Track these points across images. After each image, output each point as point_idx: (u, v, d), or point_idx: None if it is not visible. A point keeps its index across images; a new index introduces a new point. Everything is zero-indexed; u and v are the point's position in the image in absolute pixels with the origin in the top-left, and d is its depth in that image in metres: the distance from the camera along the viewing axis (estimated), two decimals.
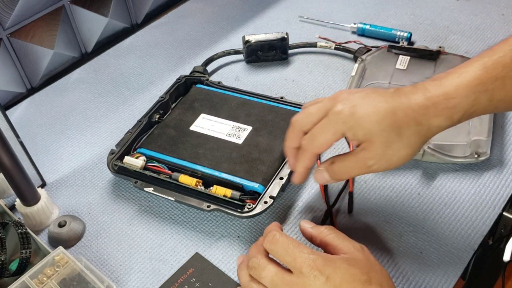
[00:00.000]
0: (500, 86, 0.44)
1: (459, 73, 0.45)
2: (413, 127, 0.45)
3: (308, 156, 0.50)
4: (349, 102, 0.47)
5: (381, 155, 0.46)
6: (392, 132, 0.45)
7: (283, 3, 0.97)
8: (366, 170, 0.48)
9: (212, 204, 0.58)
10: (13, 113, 0.80)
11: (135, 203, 0.64)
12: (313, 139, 0.49)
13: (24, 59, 0.81)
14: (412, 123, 0.45)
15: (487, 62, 0.45)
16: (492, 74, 0.44)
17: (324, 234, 0.49)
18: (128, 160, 0.63)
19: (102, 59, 0.89)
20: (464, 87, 0.45)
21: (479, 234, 0.57)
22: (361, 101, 0.46)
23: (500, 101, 0.45)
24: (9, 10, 0.76)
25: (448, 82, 0.45)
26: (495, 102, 0.45)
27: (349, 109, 0.46)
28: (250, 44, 0.81)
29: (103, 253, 0.59)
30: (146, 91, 0.81)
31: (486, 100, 0.45)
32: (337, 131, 0.47)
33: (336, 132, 0.47)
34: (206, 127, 0.67)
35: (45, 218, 0.61)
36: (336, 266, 0.44)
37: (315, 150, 0.49)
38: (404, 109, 0.45)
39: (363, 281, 0.44)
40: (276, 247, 0.46)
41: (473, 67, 0.45)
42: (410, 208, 0.60)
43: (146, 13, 0.97)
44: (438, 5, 0.92)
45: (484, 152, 0.61)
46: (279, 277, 0.45)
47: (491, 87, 0.44)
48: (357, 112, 0.46)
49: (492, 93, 0.44)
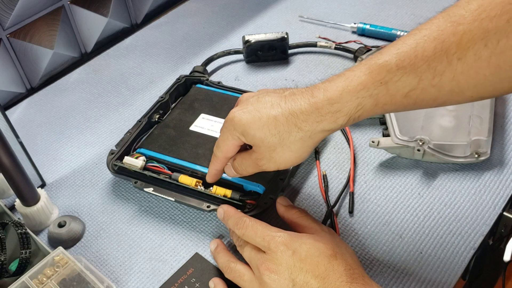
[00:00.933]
0: (384, 91, 0.44)
1: (346, 77, 0.45)
2: (294, 133, 0.47)
3: (217, 160, 0.54)
4: (242, 107, 0.50)
5: (268, 157, 0.50)
6: (273, 137, 0.48)
7: (283, 3, 0.97)
8: (260, 169, 0.52)
9: (212, 204, 0.58)
10: (13, 113, 0.80)
11: (135, 203, 0.64)
12: (218, 145, 0.53)
13: (23, 59, 0.81)
14: (294, 129, 0.47)
15: (372, 66, 0.44)
16: (376, 78, 0.44)
17: (295, 216, 0.54)
18: (128, 160, 0.63)
19: (101, 59, 0.89)
20: (348, 92, 0.45)
21: (479, 234, 0.57)
22: (251, 107, 0.49)
23: (386, 105, 0.45)
24: (9, 10, 0.76)
25: (334, 86, 0.46)
26: (381, 106, 0.45)
27: (238, 116, 0.49)
28: (250, 44, 0.81)
29: (103, 253, 0.59)
30: (146, 91, 0.81)
31: (371, 104, 0.45)
32: (233, 136, 0.50)
33: (233, 137, 0.51)
34: (206, 127, 0.67)
35: (45, 219, 0.61)
36: (302, 241, 0.48)
37: (221, 155, 0.53)
38: (286, 115, 0.47)
39: (328, 255, 0.47)
40: (246, 231, 0.50)
41: (359, 71, 0.45)
42: (410, 208, 0.60)
43: (146, 13, 0.97)
44: (438, 5, 0.92)
45: (485, 152, 0.61)
46: (253, 255, 0.49)
47: (375, 92, 0.44)
48: (243, 119, 0.49)
49: (377, 97, 0.44)
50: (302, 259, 0.46)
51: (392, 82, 0.43)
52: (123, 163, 0.63)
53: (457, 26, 0.41)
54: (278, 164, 0.50)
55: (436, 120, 0.65)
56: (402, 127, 0.64)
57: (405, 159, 0.65)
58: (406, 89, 0.43)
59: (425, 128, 0.64)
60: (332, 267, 0.46)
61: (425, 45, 0.42)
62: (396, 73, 0.43)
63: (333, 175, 0.64)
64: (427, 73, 0.42)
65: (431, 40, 0.42)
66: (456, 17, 0.42)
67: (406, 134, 0.63)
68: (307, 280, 0.45)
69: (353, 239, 0.57)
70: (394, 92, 0.44)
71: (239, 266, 0.51)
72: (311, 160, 0.66)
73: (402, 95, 0.44)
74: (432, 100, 0.44)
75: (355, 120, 0.46)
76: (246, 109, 0.49)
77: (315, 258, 0.46)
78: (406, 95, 0.44)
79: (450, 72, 0.42)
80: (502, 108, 0.70)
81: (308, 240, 0.48)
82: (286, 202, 0.56)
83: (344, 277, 0.45)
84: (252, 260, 0.49)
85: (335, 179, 0.64)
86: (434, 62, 0.42)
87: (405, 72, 0.43)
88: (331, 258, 0.46)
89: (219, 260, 0.54)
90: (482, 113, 0.65)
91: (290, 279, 0.46)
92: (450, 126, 0.65)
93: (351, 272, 0.46)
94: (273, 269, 0.47)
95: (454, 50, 0.41)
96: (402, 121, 0.64)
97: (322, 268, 0.46)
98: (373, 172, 0.64)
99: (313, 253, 0.47)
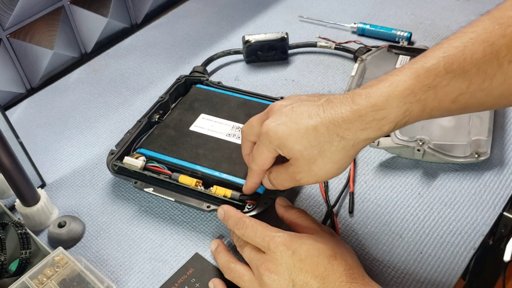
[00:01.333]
0: (433, 95, 0.42)
1: (390, 82, 0.43)
2: (336, 143, 0.45)
3: (254, 174, 0.53)
4: (276, 119, 0.47)
5: (307, 171, 0.47)
6: (313, 149, 0.45)
7: (283, 3, 0.97)
8: (297, 183, 0.49)
9: (212, 204, 0.58)
10: (13, 114, 0.80)
11: (135, 203, 0.64)
12: (253, 159, 0.51)
13: (23, 59, 0.81)
14: (335, 138, 0.44)
15: (419, 69, 0.42)
16: (424, 83, 0.42)
17: (294, 216, 0.54)
18: (128, 160, 0.63)
19: (101, 59, 0.89)
20: (395, 98, 0.42)
21: (479, 234, 0.57)
22: (285, 118, 0.47)
23: (433, 110, 0.43)
24: (9, 11, 0.76)
25: (378, 92, 0.43)
26: (428, 111, 0.43)
27: (273, 129, 0.47)
28: (250, 44, 0.81)
29: (103, 254, 0.59)
30: (146, 91, 0.81)
31: (418, 110, 0.43)
32: (269, 149, 0.48)
33: (269, 150, 0.49)
34: (206, 127, 0.67)
35: (45, 219, 0.61)
36: (301, 241, 0.48)
37: (258, 168, 0.52)
38: (327, 124, 0.44)
39: (328, 255, 0.46)
40: (246, 231, 0.50)
41: (404, 76, 0.43)
42: (410, 208, 0.60)
43: (146, 13, 0.97)
44: (438, 5, 0.92)
45: (485, 152, 0.61)
46: (253, 255, 0.49)
47: (423, 97, 0.42)
48: (279, 132, 0.46)
49: (425, 103, 0.42)
50: (302, 259, 0.46)
51: (440, 86, 0.42)
52: (123, 163, 0.63)
53: (506, 28, 0.40)
54: (317, 177, 0.48)
55: (436, 120, 0.65)
56: None
57: (405, 159, 0.65)
58: (455, 93, 0.42)
59: (425, 128, 0.64)
60: (332, 267, 0.46)
61: (474, 48, 0.41)
62: (444, 77, 0.42)
63: None
64: (476, 77, 0.41)
65: (479, 42, 0.41)
66: (504, 19, 0.41)
67: (406, 134, 0.63)
68: (307, 280, 0.45)
69: (353, 239, 0.57)
70: (442, 97, 0.42)
71: (239, 267, 0.51)
72: None
73: (450, 100, 0.42)
74: (480, 104, 0.43)
75: (401, 127, 0.44)
76: (280, 120, 0.47)
77: (315, 258, 0.46)
78: (454, 100, 0.42)
79: (501, 75, 0.41)
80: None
81: (307, 241, 0.48)
82: (285, 203, 0.56)
83: (344, 277, 0.45)
84: (252, 261, 0.49)
85: (335, 179, 0.64)
86: (484, 65, 0.41)
87: (454, 76, 0.41)
88: (330, 258, 0.46)
89: (219, 260, 0.54)
90: (482, 113, 0.65)
91: (290, 279, 0.46)
92: (450, 126, 0.65)
93: (351, 272, 0.46)
94: (273, 269, 0.47)
95: (505, 52, 0.40)
96: None
97: (322, 268, 0.46)
98: (373, 172, 0.64)
99: (313, 253, 0.47)
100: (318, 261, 0.46)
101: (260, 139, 0.49)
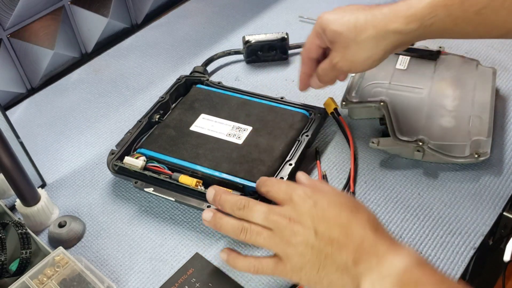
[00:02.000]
0: (459, 3, 0.49)
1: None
2: (369, 30, 0.53)
3: (303, 62, 0.62)
4: (332, 10, 0.57)
5: (342, 54, 0.56)
6: (350, 33, 0.54)
7: (283, 3, 0.97)
8: (336, 70, 0.58)
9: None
10: (13, 114, 0.80)
11: (135, 203, 0.64)
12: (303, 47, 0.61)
13: (24, 59, 0.81)
14: (370, 27, 0.53)
15: None
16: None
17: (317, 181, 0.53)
18: (128, 160, 0.63)
19: (102, 60, 0.89)
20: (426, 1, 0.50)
21: (479, 234, 0.57)
22: (339, 9, 0.56)
23: (458, 19, 0.50)
24: (9, 11, 0.76)
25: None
26: (453, 19, 0.50)
27: (325, 16, 0.57)
28: (250, 44, 0.81)
29: (103, 254, 0.59)
30: (146, 91, 0.81)
31: (444, 15, 0.50)
32: (316, 33, 0.58)
33: (316, 34, 0.58)
34: (206, 127, 0.67)
35: (45, 219, 0.61)
36: (324, 193, 0.48)
37: (304, 54, 0.62)
38: (366, 15, 0.54)
39: (350, 207, 0.47)
40: (268, 186, 0.51)
41: None
42: (410, 208, 0.60)
43: (146, 13, 0.97)
44: None
45: (484, 152, 0.61)
46: (271, 210, 0.48)
47: (450, 2, 0.49)
48: (329, 18, 0.56)
49: (451, 9, 0.49)
50: (324, 208, 0.46)
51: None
52: (123, 163, 0.63)
53: None
54: (350, 63, 0.56)
55: (436, 120, 0.65)
56: (402, 127, 0.64)
57: (405, 159, 0.65)
58: (479, 6, 0.48)
59: (425, 128, 0.64)
60: (354, 217, 0.45)
61: None
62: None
63: (333, 175, 0.64)
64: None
65: None
66: None
67: (406, 134, 0.63)
68: (329, 228, 0.45)
69: None
70: (467, 7, 0.49)
71: (254, 226, 0.48)
72: (311, 160, 0.67)
73: (474, 12, 0.49)
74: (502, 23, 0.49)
75: (427, 29, 0.51)
76: (333, 11, 0.56)
77: (337, 209, 0.46)
78: (477, 12, 0.48)
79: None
80: (502, 108, 0.70)
81: (330, 193, 0.48)
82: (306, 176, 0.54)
83: (368, 226, 0.45)
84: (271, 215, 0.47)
85: (335, 179, 0.64)
86: None
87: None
88: (353, 209, 0.46)
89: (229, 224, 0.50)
90: (482, 113, 0.65)
91: (312, 228, 0.45)
92: (450, 126, 0.65)
93: (375, 223, 0.46)
94: (296, 219, 0.46)
95: None
96: (402, 121, 0.65)
97: (345, 218, 0.45)
98: (373, 172, 0.64)
99: (335, 204, 0.47)
100: (340, 211, 0.46)
101: (314, 26, 0.58)
